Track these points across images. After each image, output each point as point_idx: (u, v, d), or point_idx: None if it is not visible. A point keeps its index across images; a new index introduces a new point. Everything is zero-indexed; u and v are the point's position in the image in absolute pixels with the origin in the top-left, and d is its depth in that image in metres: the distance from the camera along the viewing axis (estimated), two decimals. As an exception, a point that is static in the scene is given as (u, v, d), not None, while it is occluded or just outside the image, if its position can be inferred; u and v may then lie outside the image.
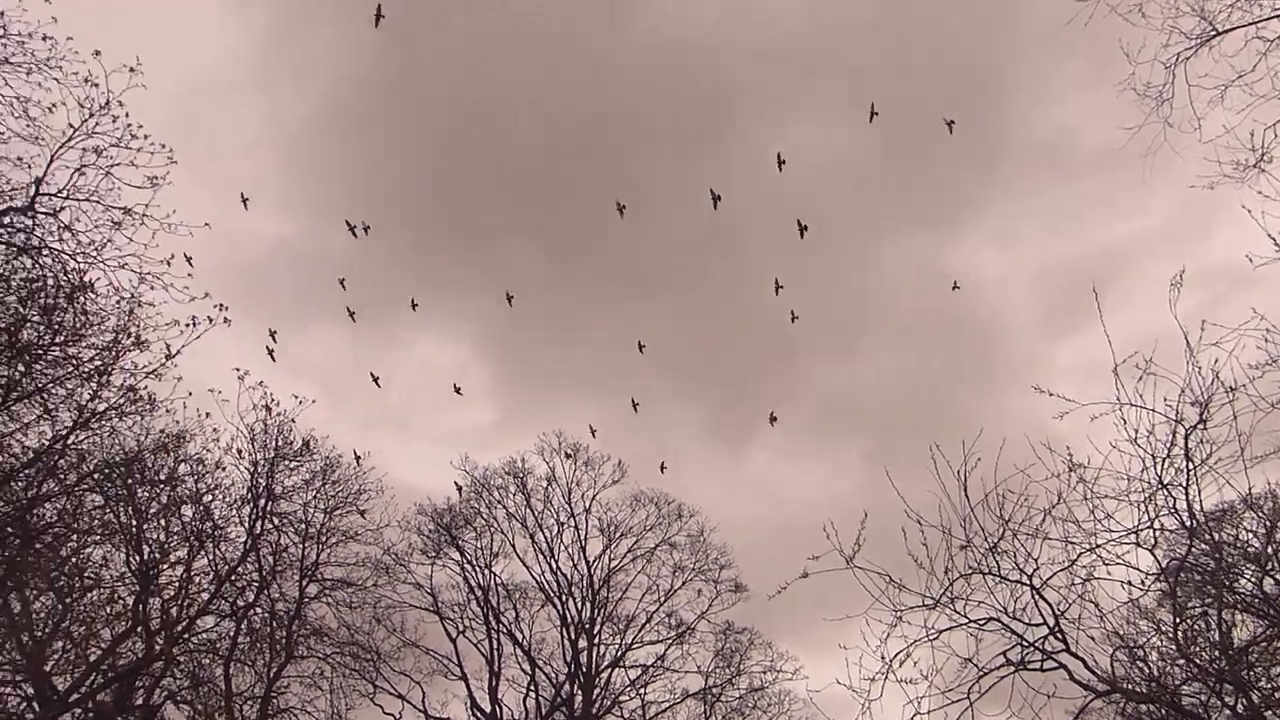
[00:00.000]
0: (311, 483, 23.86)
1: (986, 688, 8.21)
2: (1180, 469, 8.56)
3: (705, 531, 34.19)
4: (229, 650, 22.48)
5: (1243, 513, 17.16)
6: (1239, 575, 15.79)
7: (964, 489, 8.15)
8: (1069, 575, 8.37)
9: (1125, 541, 8.51)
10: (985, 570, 8.29)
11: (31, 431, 14.90)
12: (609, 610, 33.74)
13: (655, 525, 34.24)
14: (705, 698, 32.51)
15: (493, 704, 32.05)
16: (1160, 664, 9.40)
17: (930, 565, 8.14)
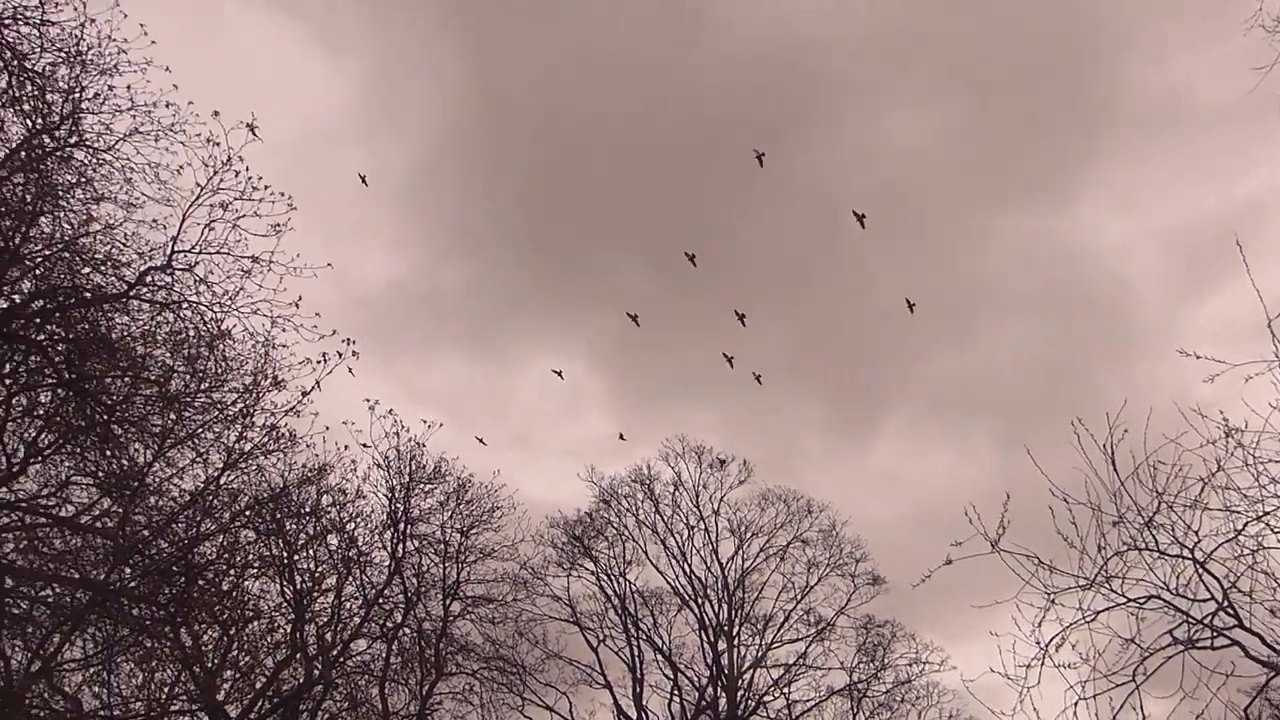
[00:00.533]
0: (446, 504, 24.61)
1: (1152, 669, 7.83)
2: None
3: (837, 525, 33.78)
4: (382, 671, 23.32)
5: None
6: None
7: (1112, 462, 7.80)
8: (1235, 547, 7.91)
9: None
10: (1142, 546, 7.91)
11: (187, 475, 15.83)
12: (746, 611, 33.62)
13: (786, 523, 34.01)
14: (851, 694, 32.04)
15: (638, 710, 32.29)
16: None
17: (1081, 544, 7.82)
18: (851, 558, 33.39)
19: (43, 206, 13.90)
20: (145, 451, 15.08)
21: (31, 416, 14.91)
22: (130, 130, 13.90)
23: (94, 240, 14.53)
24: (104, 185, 14.21)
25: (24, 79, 12.49)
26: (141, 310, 14.78)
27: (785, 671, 32.98)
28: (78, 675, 15.69)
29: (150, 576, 14.46)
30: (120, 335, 14.78)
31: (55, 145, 13.75)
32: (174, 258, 14.36)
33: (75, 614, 13.95)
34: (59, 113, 13.51)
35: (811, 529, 33.88)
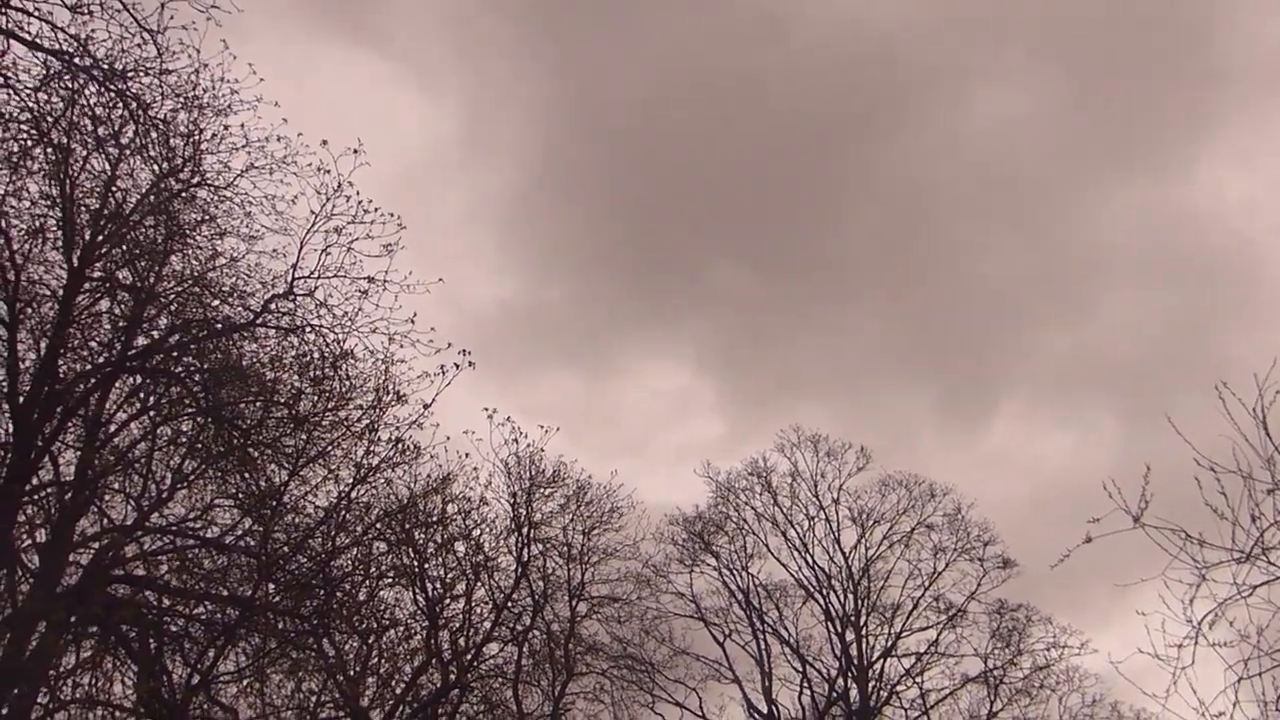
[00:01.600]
0: (567, 506, 24.96)
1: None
2: None
3: (962, 509, 32.96)
4: (515, 673, 23.82)
5: None
6: None
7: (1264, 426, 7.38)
8: (1405, 511, 7.41)
9: None
10: (1304, 515, 7.48)
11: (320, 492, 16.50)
12: (873, 600, 33.10)
13: (908, 508, 33.35)
14: (987, 680, 31.19)
15: (768, 704, 32.16)
16: None
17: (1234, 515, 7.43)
18: (979, 541, 32.55)
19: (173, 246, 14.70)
20: (280, 471, 15.79)
21: (175, 445, 15.77)
22: (246, 166, 14.61)
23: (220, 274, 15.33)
24: (226, 221, 14.99)
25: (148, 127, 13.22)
26: (268, 337, 15.51)
27: (916, 660, 32.34)
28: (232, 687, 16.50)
29: (292, 590, 15.13)
30: (250, 362, 15.53)
31: (180, 187, 14.53)
32: (294, 284, 14.99)
33: (226, 629, 14.70)
34: (181, 155, 14.28)
35: (936, 514, 33.17)
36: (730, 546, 33.61)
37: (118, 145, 13.80)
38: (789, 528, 33.72)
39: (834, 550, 33.51)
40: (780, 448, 34.34)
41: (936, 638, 32.34)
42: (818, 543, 33.62)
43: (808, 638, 33.21)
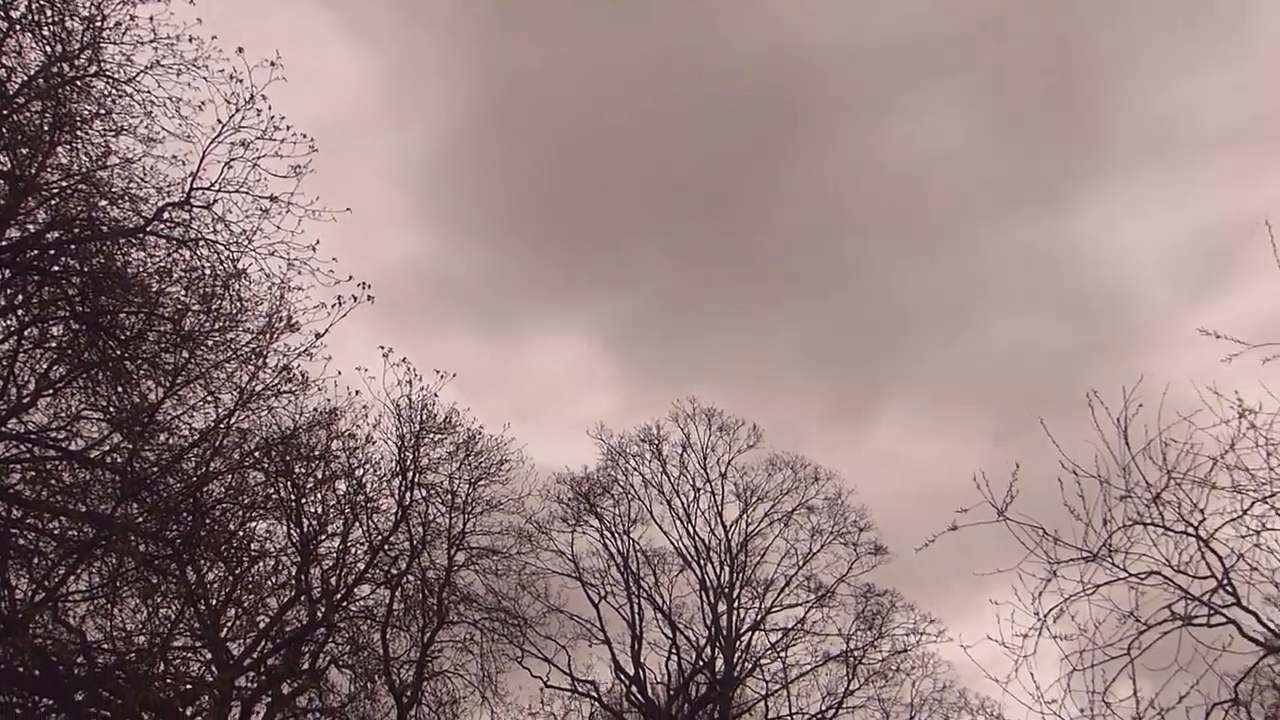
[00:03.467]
0: (455, 454, 24.68)
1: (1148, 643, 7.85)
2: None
3: (843, 494, 33.84)
4: (385, 617, 23.57)
5: None
6: None
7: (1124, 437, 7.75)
8: (1240, 526, 7.89)
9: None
10: (1147, 522, 7.89)
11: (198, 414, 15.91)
12: (747, 574, 33.81)
13: (792, 489, 34.06)
14: (847, 660, 32.26)
15: (636, 667, 32.65)
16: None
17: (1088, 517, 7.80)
18: (855, 527, 33.49)
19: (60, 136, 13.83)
20: (157, 388, 15.13)
21: (43, 349, 14.97)
22: (151, 63, 13.77)
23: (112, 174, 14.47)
24: (124, 118, 14.12)
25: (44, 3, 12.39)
26: (158, 246, 14.79)
27: (783, 635, 33.23)
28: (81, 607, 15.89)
29: (157, 513, 14.58)
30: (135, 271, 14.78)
31: (74, 74, 13.64)
32: (192, 194, 14.33)
33: (81, 547, 14.09)
34: (79, 40, 13.39)
35: (817, 496, 33.97)
36: (615, 510, 33.88)
37: (7, 18, 12.85)
38: (675, 497, 34.15)
39: (715, 523, 34.09)
40: (675, 417, 34.68)
41: (804, 615, 33.29)
42: (701, 514, 34.15)
43: (681, 605, 33.79)
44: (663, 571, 33.83)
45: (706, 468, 34.23)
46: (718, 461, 34.34)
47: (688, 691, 33.11)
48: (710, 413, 34.55)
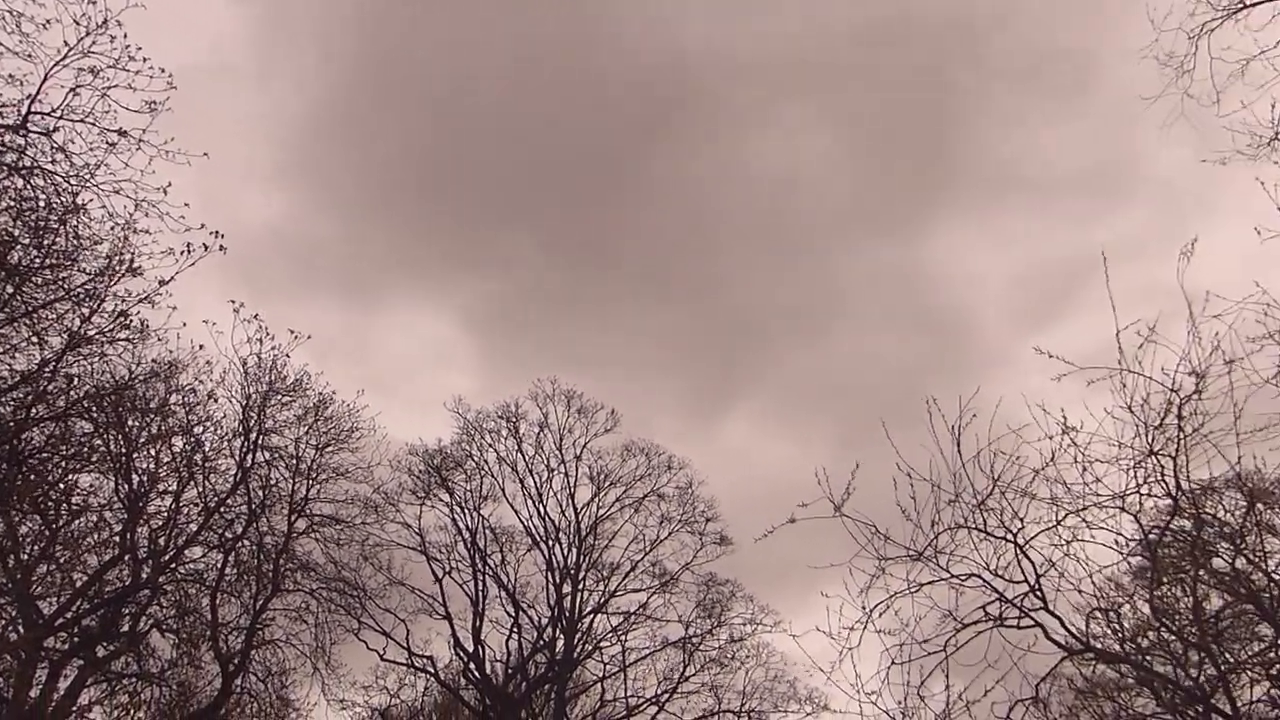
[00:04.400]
0: (304, 419, 23.86)
1: (963, 641, 8.30)
2: (1171, 438, 8.57)
3: (694, 484, 34.41)
4: (216, 581, 22.61)
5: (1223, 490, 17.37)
6: (1215, 551, 15.99)
7: (957, 444, 8.16)
8: (1053, 536, 8.42)
9: (1110, 506, 8.57)
10: (971, 526, 8.33)
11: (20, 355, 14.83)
12: (594, 557, 34.03)
13: (645, 475, 34.42)
14: (685, 646, 32.93)
15: (475, 644, 32.45)
16: (1134, 628, 9.51)
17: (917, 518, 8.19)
18: (703, 516, 34.12)
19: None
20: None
21: None
22: (-11, -31, 12.73)
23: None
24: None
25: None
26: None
27: (625, 619, 33.66)
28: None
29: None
30: (-41, 194, 13.65)
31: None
32: (29, 119, 13.28)
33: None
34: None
35: (669, 484, 34.43)
36: (467, 485, 33.52)
37: None
38: (529, 476, 34.03)
39: (567, 504, 34.16)
40: (534, 397, 34.52)
41: (647, 601, 33.78)
42: (553, 495, 34.15)
43: (526, 585, 33.76)
44: (510, 550, 33.74)
45: (562, 449, 34.26)
46: (574, 444, 34.42)
47: (526, 670, 33.14)
48: (570, 394, 34.58)
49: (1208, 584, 14.79)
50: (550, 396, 34.44)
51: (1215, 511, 19.17)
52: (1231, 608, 19.26)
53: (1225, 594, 15.34)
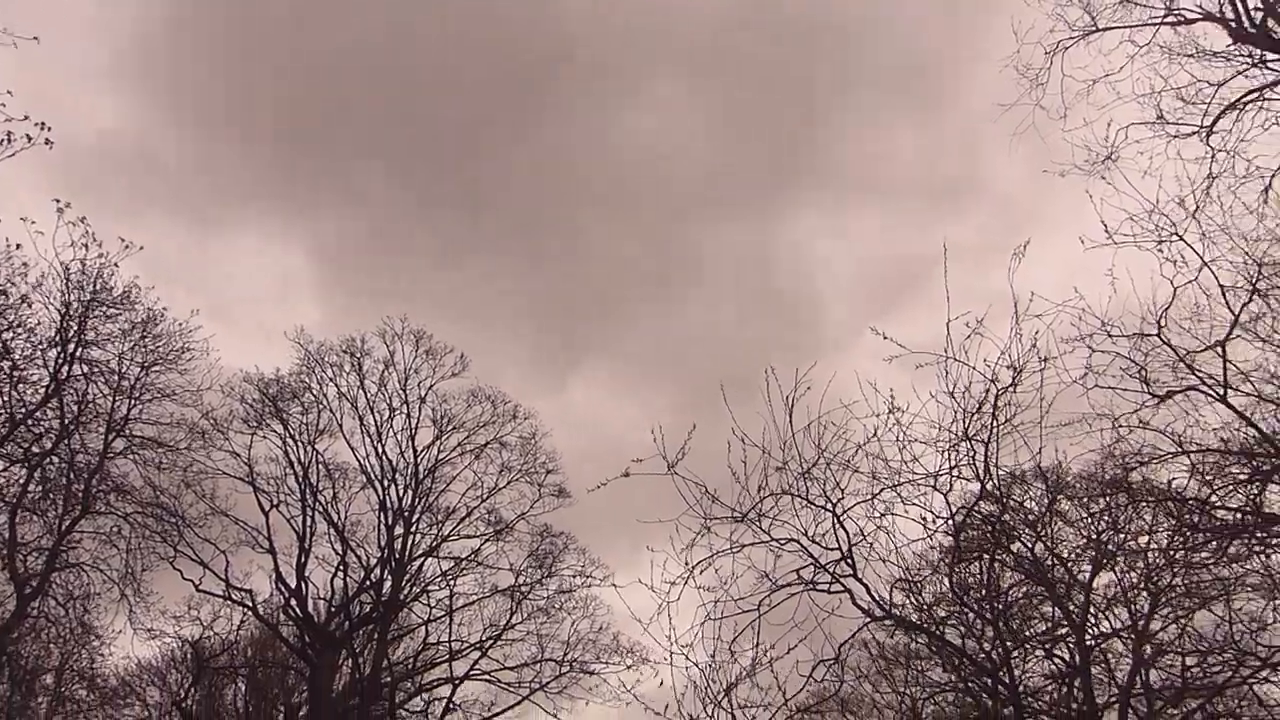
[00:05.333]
0: (129, 334, 22.53)
1: (777, 602, 8.68)
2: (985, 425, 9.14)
3: (538, 435, 34.43)
4: (17, 497, 21.24)
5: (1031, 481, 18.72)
6: (1017, 536, 17.26)
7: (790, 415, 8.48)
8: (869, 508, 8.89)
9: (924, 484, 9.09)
10: (794, 493, 8.70)
11: None
12: (430, 500, 33.71)
13: (489, 423, 34.20)
14: (514, 595, 33.12)
15: (299, 580, 31.71)
16: (933, 600, 10.16)
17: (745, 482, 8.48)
18: (543, 468, 34.21)
19: None
20: None
21: None
22: None
23: None
24: None
25: None
26: None
27: (456, 564, 33.54)
28: None
29: None
30: None
31: None
32: None
33: None
34: None
35: (512, 434, 34.34)
36: (303, 418, 32.50)
37: None
38: (369, 414, 33.27)
39: (406, 446, 33.62)
40: (382, 334, 33.68)
41: (480, 547, 33.74)
42: (393, 435, 33.53)
43: (356, 523, 33.15)
44: (343, 487, 33.03)
45: (406, 389, 33.63)
46: (419, 385, 33.83)
47: (350, 610, 32.65)
48: (419, 335, 33.90)
49: (1007, 565, 15.98)
50: (399, 335, 33.72)
51: (1021, 499, 20.68)
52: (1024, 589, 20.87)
53: (1021, 576, 16.61)
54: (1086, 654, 18.19)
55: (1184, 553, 12.76)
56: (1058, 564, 18.94)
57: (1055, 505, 22.15)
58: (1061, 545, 20.98)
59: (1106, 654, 22.32)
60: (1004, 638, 19.48)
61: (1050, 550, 18.23)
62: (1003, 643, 12.90)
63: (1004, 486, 17.70)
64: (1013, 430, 9.25)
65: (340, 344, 33.17)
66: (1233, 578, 14.59)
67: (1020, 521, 18.11)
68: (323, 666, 31.54)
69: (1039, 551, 16.53)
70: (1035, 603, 20.96)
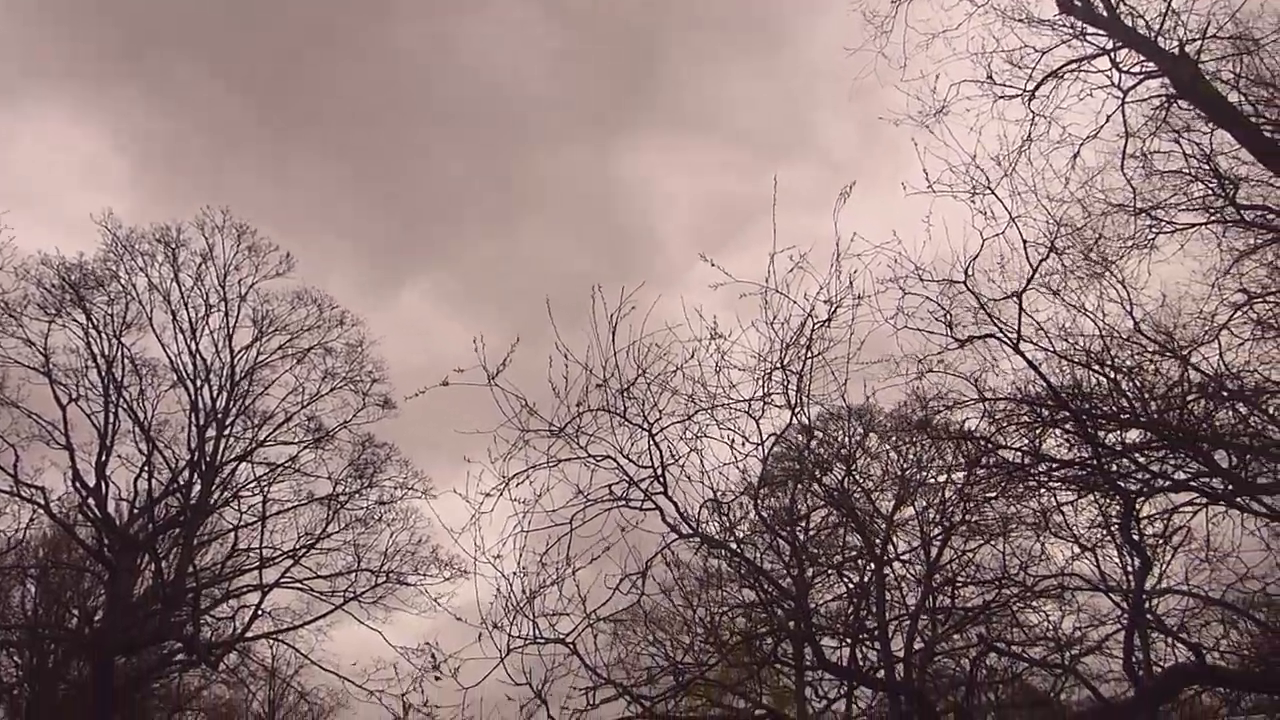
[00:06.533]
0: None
1: (589, 516, 8.81)
2: (800, 356, 9.45)
3: (365, 343, 33.45)
4: None
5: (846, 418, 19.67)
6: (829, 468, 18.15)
7: (613, 331, 8.51)
8: (684, 430, 9.08)
9: (738, 409, 9.35)
10: (612, 410, 8.78)
11: None
12: (246, 404, 32.36)
13: (314, 327, 32.90)
14: (331, 504, 32.39)
15: (99, 479, 30.03)
16: (738, 521, 10.53)
17: (565, 397, 8.49)
18: (369, 377, 33.24)
19: None
20: None
21: None
22: None
23: None
24: None
25: None
26: None
27: (271, 470, 32.43)
28: None
29: None
30: None
31: None
32: None
33: None
34: None
35: (339, 340, 33.19)
36: (108, 309, 30.40)
37: None
38: (183, 309, 31.40)
39: (223, 345, 31.98)
40: (200, 225, 31.63)
41: (297, 454, 32.70)
42: (209, 333, 31.82)
43: (164, 423, 31.52)
44: (151, 385, 31.26)
45: (225, 286, 31.85)
46: (239, 282, 32.09)
47: (154, 513, 31.21)
48: (241, 229, 32.04)
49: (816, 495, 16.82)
50: (219, 228, 31.79)
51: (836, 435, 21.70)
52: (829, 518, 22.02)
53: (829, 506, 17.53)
54: (882, 580, 19.51)
55: (972, 488, 13.74)
56: (863, 496, 20.13)
57: (864, 442, 23.43)
58: (868, 480, 22.27)
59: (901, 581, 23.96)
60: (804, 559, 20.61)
61: (858, 484, 19.32)
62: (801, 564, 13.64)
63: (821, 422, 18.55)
64: (825, 364, 9.60)
65: (153, 232, 31.07)
66: (1013, 516, 15.89)
67: (832, 455, 19.07)
68: (122, 570, 30.13)
69: (849, 485, 17.47)
70: (841, 533, 22.25)
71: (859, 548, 20.88)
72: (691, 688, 10.46)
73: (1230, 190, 13.59)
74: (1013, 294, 10.26)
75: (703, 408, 9.06)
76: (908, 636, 19.78)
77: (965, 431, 12.13)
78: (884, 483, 22.61)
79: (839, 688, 21.97)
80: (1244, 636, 12.29)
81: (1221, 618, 12.06)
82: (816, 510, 20.72)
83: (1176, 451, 10.85)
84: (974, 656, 13.83)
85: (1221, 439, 10.95)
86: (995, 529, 17.22)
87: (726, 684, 11.52)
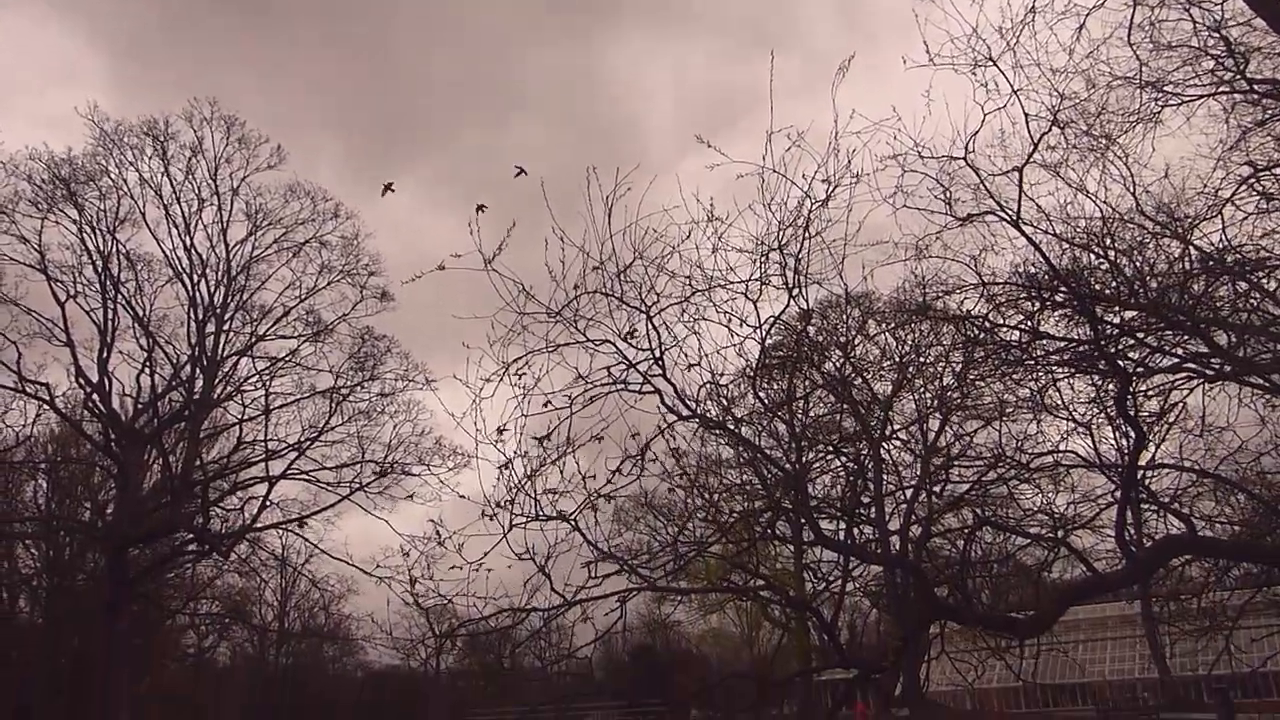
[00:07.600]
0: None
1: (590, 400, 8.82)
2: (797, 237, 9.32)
3: (360, 236, 33.24)
4: None
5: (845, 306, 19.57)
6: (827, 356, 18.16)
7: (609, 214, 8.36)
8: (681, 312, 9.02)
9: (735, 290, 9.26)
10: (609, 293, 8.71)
11: None
12: (244, 298, 32.34)
13: (309, 220, 32.71)
14: (333, 397, 32.65)
15: (101, 375, 30.25)
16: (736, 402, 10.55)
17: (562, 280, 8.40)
18: (366, 270, 33.24)
19: None
20: None
21: None
22: None
23: None
24: None
25: None
26: None
27: (272, 364, 32.62)
28: None
29: None
30: None
31: None
32: None
33: None
34: None
35: (334, 233, 33.02)
36: (100, 204, 30.11)
37: None
38: (176, 204, 31.11)
39: (218, 240, 31.80)
40: (188, 117, 31.10)
41: (297, 348, 32.85)
42: (203, 228, 31.59)
43: (163, 319, 31.61)
44: (148, 281, 31.21)
45: (217, 179, 31.48)
46: (231, 175, 31.73)
47: (158, 408, 31.50)
48: (231, 121, 31.51)
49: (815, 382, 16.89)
50: (207, 120, 31.26)
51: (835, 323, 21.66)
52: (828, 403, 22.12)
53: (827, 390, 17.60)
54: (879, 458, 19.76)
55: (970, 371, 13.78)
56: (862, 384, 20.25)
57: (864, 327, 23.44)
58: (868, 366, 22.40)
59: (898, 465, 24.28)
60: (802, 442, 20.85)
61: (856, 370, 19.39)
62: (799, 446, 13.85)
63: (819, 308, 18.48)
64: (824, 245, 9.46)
65: (140, 125, 30.51)
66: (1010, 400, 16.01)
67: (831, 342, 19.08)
68: (130, 464, 30.59)
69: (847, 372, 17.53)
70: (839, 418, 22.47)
71: (856, 430, 21.13)
72: (691, 566, 10.66)
73: (1241, 63, 13.18)
74: (1014, 168, 10.07)
75: (700, 289, 8.98)
76: (905, 515, 20.14)
77: (964, 314, 12.08)
78: (882, 366, 22.69)
79: (836, 565, 22.48)
80: (1236, 511, 12.49)
81: (1214, 491, 12.24)
82: (810, 390, 20.88)
83: (1175, 330, 10.82)
84: (968, 533, 14.12)
85: (1221, 319, 10.91)
86: (992, 412, 17.37)
87: (725, 556, 11.76)
